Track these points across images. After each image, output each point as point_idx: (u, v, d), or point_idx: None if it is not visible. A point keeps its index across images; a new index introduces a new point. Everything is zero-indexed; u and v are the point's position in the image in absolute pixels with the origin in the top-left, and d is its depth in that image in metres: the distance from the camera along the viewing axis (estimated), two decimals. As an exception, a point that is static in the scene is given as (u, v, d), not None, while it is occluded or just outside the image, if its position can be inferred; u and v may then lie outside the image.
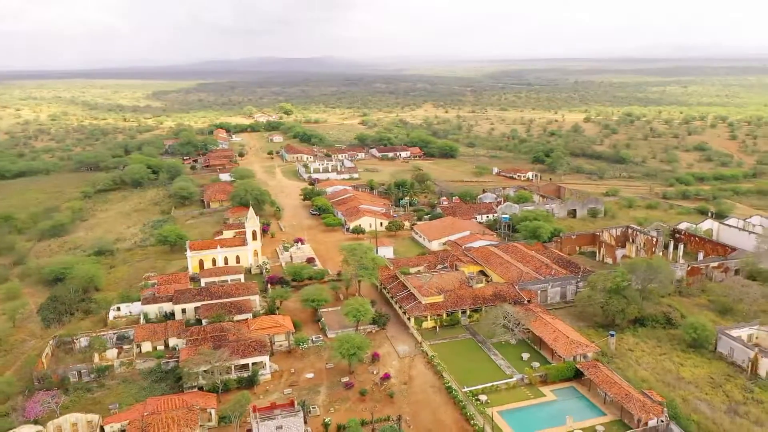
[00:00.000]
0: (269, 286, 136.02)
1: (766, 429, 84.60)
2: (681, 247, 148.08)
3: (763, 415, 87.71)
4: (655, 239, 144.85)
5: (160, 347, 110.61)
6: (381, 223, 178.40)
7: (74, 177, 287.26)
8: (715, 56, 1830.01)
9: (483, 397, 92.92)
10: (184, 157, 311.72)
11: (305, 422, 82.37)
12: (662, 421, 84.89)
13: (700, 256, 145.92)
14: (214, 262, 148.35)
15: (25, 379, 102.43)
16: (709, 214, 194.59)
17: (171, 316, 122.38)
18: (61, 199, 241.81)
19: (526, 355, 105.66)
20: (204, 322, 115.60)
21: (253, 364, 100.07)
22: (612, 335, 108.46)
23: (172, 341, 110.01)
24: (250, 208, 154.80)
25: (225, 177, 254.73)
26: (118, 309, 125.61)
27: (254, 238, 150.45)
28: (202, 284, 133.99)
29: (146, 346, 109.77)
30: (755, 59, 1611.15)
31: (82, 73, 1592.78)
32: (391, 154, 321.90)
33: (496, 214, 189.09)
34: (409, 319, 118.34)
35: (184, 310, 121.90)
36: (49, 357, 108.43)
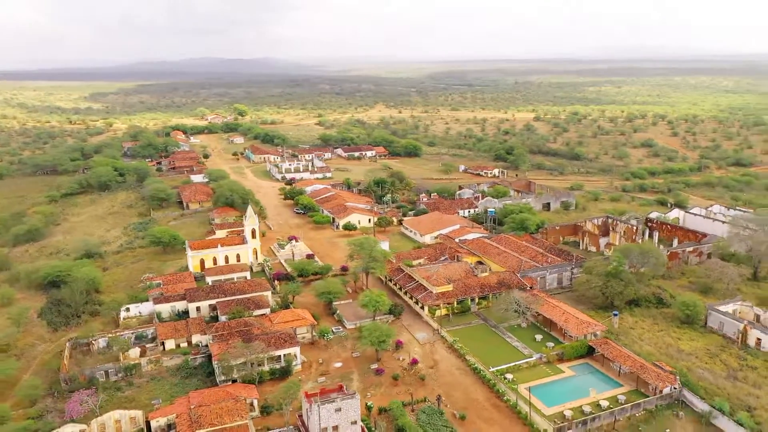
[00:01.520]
0: (276, 282, 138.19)
1: (765, 391, 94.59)
2: (656, 234, 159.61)
3: (759, 379, 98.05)
4: (635, 227, 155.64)
5: (183, 344, 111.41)
6: (369, 220, 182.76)
7: (32, 181, 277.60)
8: (641, 58, 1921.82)
9: (509, 376, 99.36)
10: (147, 159, 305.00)
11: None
12: (675, 388, 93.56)
13: (675, 242, 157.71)
14: (214, 261, 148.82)
15: (48, 381, 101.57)
16: (669, 205, 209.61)
17: (183, 314, 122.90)
18: (25, 203, 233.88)
19: (539, 337, 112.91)
20: (222, 318, 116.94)
21: (284, 355, 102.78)
22: (615, 315, 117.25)
23: (196, 338, 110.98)
24: (249, 206, 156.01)
25: (197, 178, 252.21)
26: (128, 309, 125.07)
27: (253, 236, 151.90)
28: (209, 282, 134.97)
29: (169, 344, 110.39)
30: (678, 60, 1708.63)
31: (7, 75, 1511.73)
32: (357, 154, 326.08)
33: (477, 209, 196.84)
34: (422, 308, 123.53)
35: (198, 308, 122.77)
36: (68, 359, 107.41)
